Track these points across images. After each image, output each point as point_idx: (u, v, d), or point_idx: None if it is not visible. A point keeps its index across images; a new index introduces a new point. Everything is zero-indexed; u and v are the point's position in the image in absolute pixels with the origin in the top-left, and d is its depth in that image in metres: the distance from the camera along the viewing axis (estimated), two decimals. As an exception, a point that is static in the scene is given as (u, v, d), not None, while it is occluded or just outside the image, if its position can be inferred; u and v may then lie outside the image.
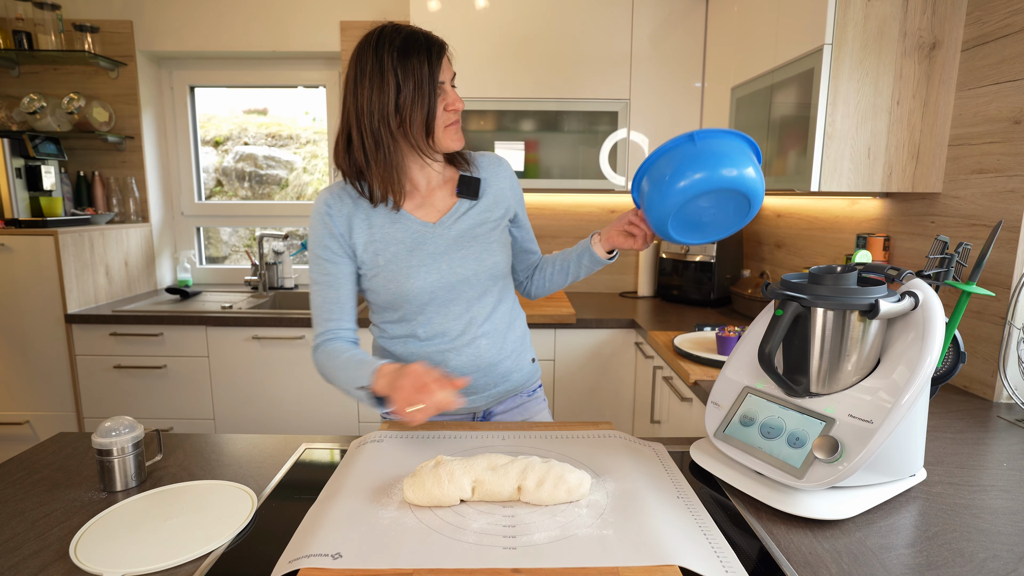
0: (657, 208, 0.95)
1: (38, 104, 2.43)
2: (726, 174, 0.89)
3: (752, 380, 0.91)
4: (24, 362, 2.21)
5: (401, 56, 0.95)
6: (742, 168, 0.90)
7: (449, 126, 1.02)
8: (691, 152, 0.91)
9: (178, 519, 0.77)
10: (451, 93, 1.01)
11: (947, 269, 0.87)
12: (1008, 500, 0.84)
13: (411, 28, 0.99)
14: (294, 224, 2.88)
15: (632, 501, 0.78)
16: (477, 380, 1.14)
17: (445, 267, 1.06)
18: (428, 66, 0.96)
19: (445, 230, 1.07)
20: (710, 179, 0.89)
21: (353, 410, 2.26)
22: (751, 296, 2.13)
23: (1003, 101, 1.27)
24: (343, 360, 1.01)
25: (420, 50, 0.96)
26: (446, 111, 1.00)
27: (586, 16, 2.27)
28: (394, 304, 1.09)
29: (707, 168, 0.89)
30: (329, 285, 1.07)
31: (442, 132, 1.02)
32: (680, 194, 0.91)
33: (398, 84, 0.95)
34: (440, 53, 0.98)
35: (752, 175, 0.90)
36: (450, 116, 1.01)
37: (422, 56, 0.96)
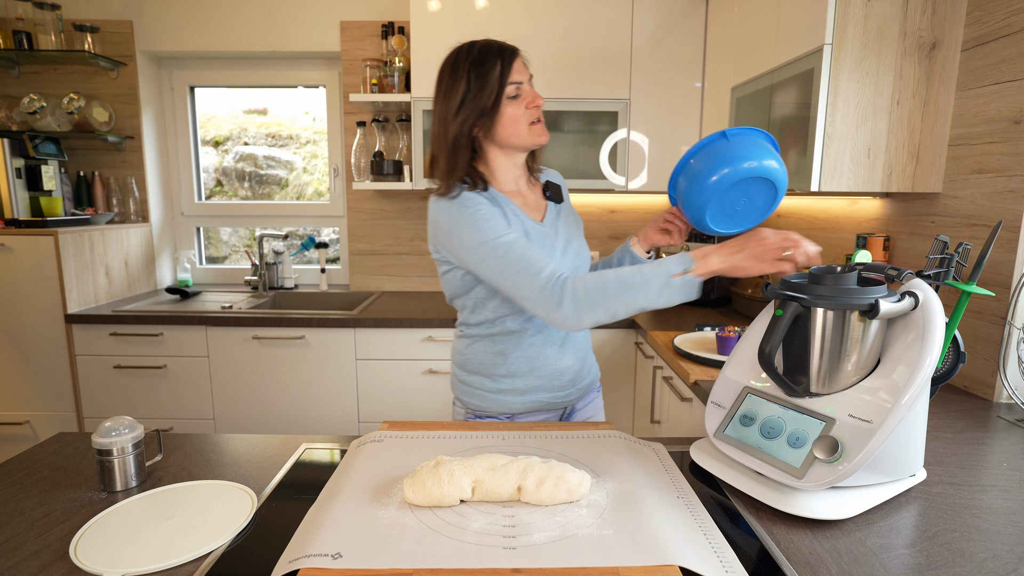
0: (696, 199, 1.00)
1: (38, 104, 2.43)
2: (758, 164, 0.97)
3: (752, 380, 0.91)
4: (24, 362, 2.21)
5: (476, 63, 1.04)
6: (771, 158, 0.98)
7: (533, 123, 1.07)
8: (725, 147, 0.99)
9: (178, 519, 0.77)
10: (529, 91, 1.06)
11: (947, 269, 0.87)
12: (1008, 500, 0.84)
13: (487, 40, 1.07)
14: (294, 224, 2.88)
15: (632, 501, 0.78)
16: (577, 372, 1.21)
17: (559, 259, 1.12)
18: (499, 70, 1.04)
19: (551, 229, 1.14)
20: (743, 169, 0.97)
21: (353, 410, 2.26)
22: (751, 296, 2.13)
23: (1003, 101, 1.27)
24: (622, 273, 0.92)
25: (493, 55, 1.04)
26: (527, 109, 1.06)
27: (586, 16, 2.27)
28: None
29: (740, 160, 0.97)
30: (519, 236, 1.01)
31: (527, 129, 1.07)
32: (717, 185, 0.98)
33: (467, 88, 1.03)
34: (512, 57, 1.05)
35: (777, 165, 0.99)
36: (532, 113, 1.06)
37: (494, 60, 1.04)
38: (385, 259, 2.77)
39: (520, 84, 1.05)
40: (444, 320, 2.16)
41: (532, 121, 1.07)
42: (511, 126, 1.06)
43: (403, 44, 2.42)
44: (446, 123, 1.05)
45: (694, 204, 1.01)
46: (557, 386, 1.19)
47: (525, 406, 1.18)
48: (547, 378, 1.17)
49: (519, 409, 1.19)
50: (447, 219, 1.05)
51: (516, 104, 1.05)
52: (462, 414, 1.24)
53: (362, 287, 2.80)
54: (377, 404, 2.25)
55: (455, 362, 1.24)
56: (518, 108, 1.05)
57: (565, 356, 1.18)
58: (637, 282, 0.91)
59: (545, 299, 0.95)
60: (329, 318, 2.17)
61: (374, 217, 2.73)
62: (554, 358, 1.17)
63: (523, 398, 1.17)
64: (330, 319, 2.17)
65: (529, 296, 0.97)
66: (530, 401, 1.18)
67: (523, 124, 1.06)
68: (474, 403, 1.20)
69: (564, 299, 0.94)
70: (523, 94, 1.06)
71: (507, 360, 1.16)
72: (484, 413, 1.20)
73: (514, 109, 1.05)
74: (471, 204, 1.04)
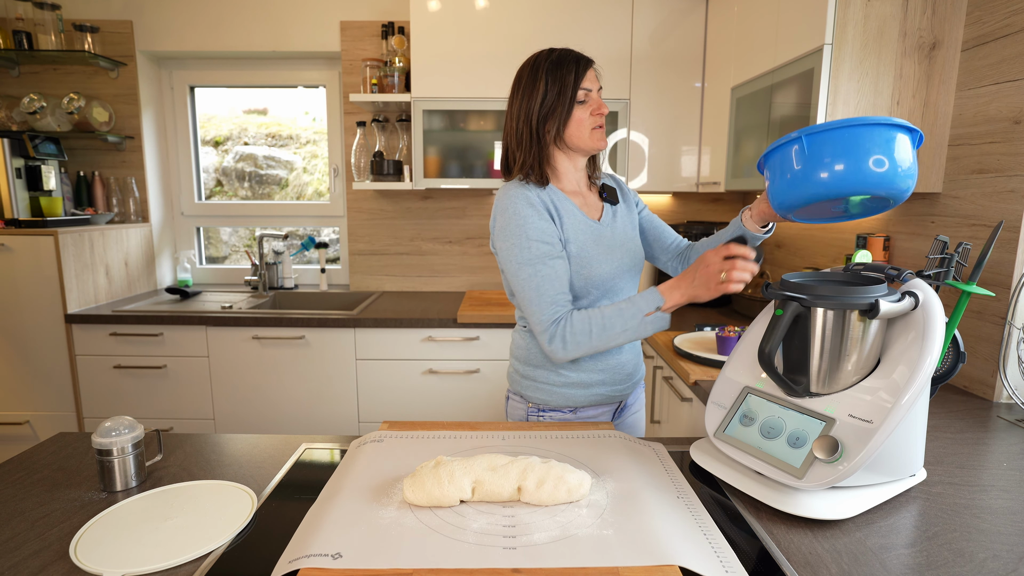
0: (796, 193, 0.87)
1: (38, 104, 2.43)
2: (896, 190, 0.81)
3: (752, 380, 0.91)
4: (24, 362, 2.21)
5: (552, 66, 1.12)
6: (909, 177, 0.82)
7: (595, 129, 1.14)
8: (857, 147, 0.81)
9: (178, 519, 0.77)
10: (596, 100, 1.13)
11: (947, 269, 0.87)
12: (1008, 500, 0.84)
13: (566, 48, 1.15)
14: (294, 224, 2.88)
15: (632, 501, 0.78)
16: (635, 366, 1.26)
17: (617, 257, 1.17)
18: (575, 75, 1.11)
19: (607, 228, 1.19)
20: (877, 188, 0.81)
21: (353, 410, 2.26)
22: (751, 296, 2.13)
23: (1003, 101, 1.27)
24: (605, 314, 1.06)
25: (570, 63, 1.12)
26: (592, 115, 1.13)
27: (586, 16, 2.27)
28: (581, 291, 1.15)
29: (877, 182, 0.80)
30: (553, 259, 1.09)
31: (588, 134, 1.14)
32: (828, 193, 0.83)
33: (546, 89, 1.11)
34: (586, 66, 1.13)
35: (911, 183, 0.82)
36: (595, 120, 1.14)
37: (571, 66, 1.12)
38: (385, 259, 2.77)
39: (589, 91, 1.13)
40: (444, 320, 2.16)
41: (595, 127, 1.14)
42: (576, 128, 1.13)
43: (403, 44, 2.42)
44: (522, 120, 1.14)
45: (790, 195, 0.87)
46: (618, 379, 1.23)
47: (588, 399, 1.21)
48: (610, 371, 1.21)
49: (582, 402, 1.21)
50: (503, 221, 1.12)
51: (583, 108, 1.13)
52: (522, 410, 1.25)
53: (362, 287, 2.80)
54: (377, 404, 2.25)
55: (516, 357, 1.26)
56: (584, 112, 1.13)
57: (625, 350, 1.24)
58: (616, 324, 1.05)
59: (542, 333, 1.09)
60: (329, 318, 2.17)
61: (374, 217, 2.73)
62: (616, 351, 1.22)
63: (587, 391, 1.21)
64: (330, 319, 2.17)
65: (533, 324, 1.11)
66: (593, 394, 1.21)
67: (586, 127, 1.13)
68: (538, 397, 1.22)
69: (555, 339, 1.08)
70: (590, 100, 1.13)
71: None
72: (548, 407, 1.22)
73: (581, 112, 1.13)
74: (518, 206, 1.10)
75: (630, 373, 1.25)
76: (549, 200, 1.14)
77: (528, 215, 1.09)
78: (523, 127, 1.14)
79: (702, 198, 2.74)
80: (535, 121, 1.13)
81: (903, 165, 0.80)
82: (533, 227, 1.09)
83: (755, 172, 1.81)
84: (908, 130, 0.81)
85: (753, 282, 2.20)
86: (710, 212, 2.75)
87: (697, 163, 2.39)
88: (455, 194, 2.70)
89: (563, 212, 1.15)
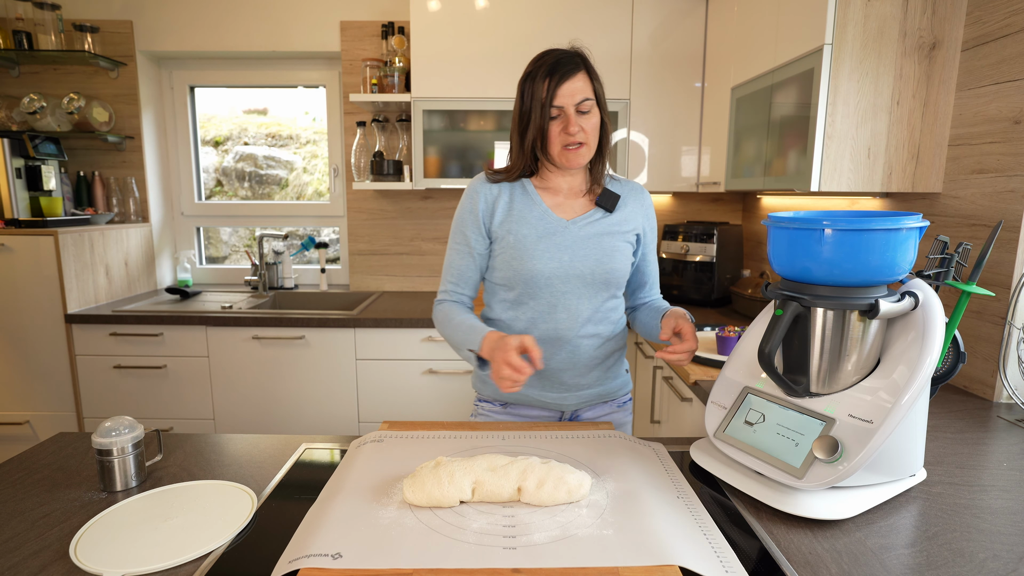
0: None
1: (38, 104, 2.43)
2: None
3: (752, 380, 0.91)
4: (24, 362, 2.21)
5: (528, 79, 1.09)
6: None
7: (566, 148, 1.10)
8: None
9: (178, 519, 0.77)
10: (568, 118, 1.08)
11: (947, 269, 0.87)
12: (1008, 500, 0.84)
13: (555, 50, 1.10)
14: (294, 224, 2.88)
15: (632, 501, 0.78)
16: (572, 378, 1.19)
17: (567, 258, 1.13)
18: (547, 91, 1.07)
19: (576, 228, 1.15)
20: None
21: (353, 410, 2.26)
22: (751, 296, 2.13)
23: (1003, 101, 1.27)
24: (458, 322, 1.12)
25: (542, 77, 1.07)
26: (563, 132, 1.08)
27: (586, 16, 2.27)
28: (513, 282, 1.15)
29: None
30: (459, 253, 1.19)
31: (559, 151, 1.11)
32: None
33: (523, 101, 1.10)
34: (563, 79, 1.06)
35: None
36: (564, 138, 1.09)
37: (542, 82, 1.07)
38: (385, 259, 2.77)
39: (562, 108, 1.07)
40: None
41: (565, 145, 1.10)
42: (550, 144, 1.11)
43: (403, 44, 2.42)
44: (514, 130, 1.15)
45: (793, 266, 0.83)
46: (552, 387, 1.18)
47: (514, 396, 1.21)
48: (541, 376, 1.17)
49: (508, 398, 1.22)
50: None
51: (555, 124, 1.09)
52: (475, 407, 1.28)
53: (362, 287, 2.80)
54: (377, 404, 2.25)
55: None
56: (556, 129, 1.09)
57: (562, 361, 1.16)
58: (453, 337, 1.13)
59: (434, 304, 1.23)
60: (329, 318, 2.17)
61: (374, 217, 2.73)
62: (550, 359, 1.16)
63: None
64: (330, 319, 2.17)
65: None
66: (519, 393, 1.20)
67: (557, 145, 1.10)
68: (477, 385, 1.26)
69: (435, 313, 1.20)
70: (562, 117, 1.08)
71: None
72: (482, 396, 1.25)
73: (554, 129, 1.10)
74: (465, 194, 1.20)
75: (572, 385, 1.18)
76: (500, 192, 1.16)
77: (463, 205, 1.19)
78: (513, 133, 1.15)
79: (702, 198, 2.74)
80: (521, 135, 1.13)
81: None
82: (460, 217, 1.19)
83: (755, 172, 1.81)
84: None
85: (753, 282, 2.20)
86: (710, 212, 2.75)
87: (697, 163, 2.39)
88: (455, 194, 2.70)
89: (515, 203, 1.16)
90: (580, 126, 1.08)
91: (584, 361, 1.18)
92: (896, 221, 0.75)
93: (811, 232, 0.78)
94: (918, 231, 0.78)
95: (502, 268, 1.16)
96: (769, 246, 0.86)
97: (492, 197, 1.17)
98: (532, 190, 1.17)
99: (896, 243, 0.76)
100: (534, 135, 1.10)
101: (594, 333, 1.17)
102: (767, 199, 2.43)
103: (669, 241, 2.52)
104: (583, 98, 1.08)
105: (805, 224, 0.79)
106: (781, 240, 0.83)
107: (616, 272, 1.16)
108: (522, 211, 1.15)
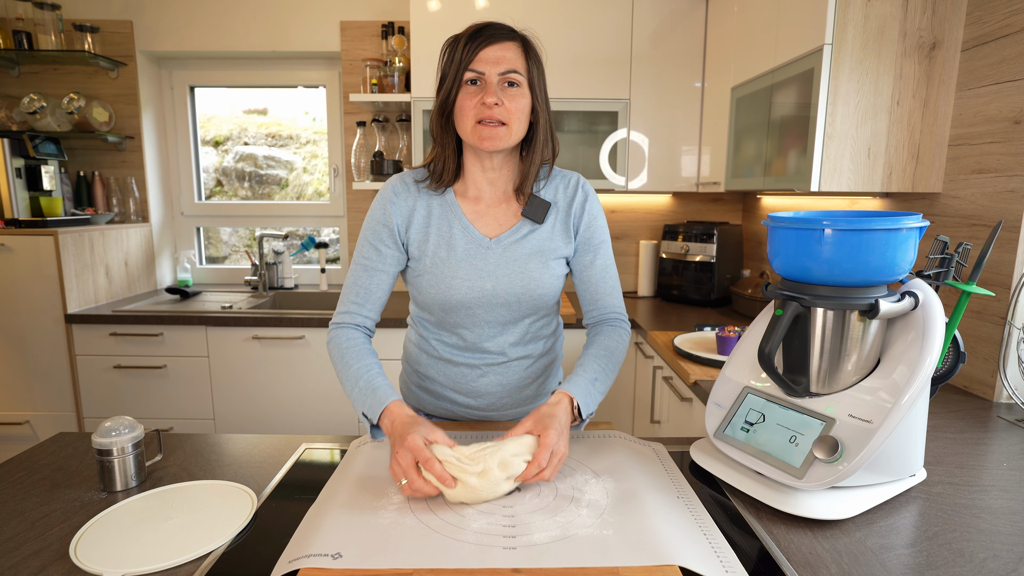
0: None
1: (38, 104, 2.43)
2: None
3: (752, 380, 0.91)
4: (24, 362, 2.21)
5: (450, 43, 0.97)
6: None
7: (477, 123, 0.93)
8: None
9: (178, 519, 0.77)
10: (487, 86, 0.93)
11: (947, 269, 0.87)
12: (1008, 500, 0.84)
13: (488, 22, 0.97)
14: (294, 224, 2.88)
15: (632, 501, 0.78)
16: (503, 399, 1.12)
17: (489, 285, 1.01)
18: (463, 54, 0.93)
19: (500, 248, 1.02)
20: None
21: (353, 410, 2.26)
22: (751, 296, 2.13)
23: (1003, 101, 1.27)
24: (356, 370, 0.95)
25: (468, 37, 0.94)
26: (481, 104, 0.92)
27: (586, 16, 2.27)
28: (432, 308, 1.05)
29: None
30: (367, 269, 1.03)
31: (470, 128, 0.94)
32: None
33: (443, 69, 0.97)
34: (488, 41, 0.93)
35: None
36: (479, 111, 0.93)
37: (465, 42, 0.94)
38: (385, 259, 2.77)
39: (482, 74, 0.93)
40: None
41: (479, 119, 0.93)
42: (459, 117, 0.95)
43: (403, 44, 2.42)
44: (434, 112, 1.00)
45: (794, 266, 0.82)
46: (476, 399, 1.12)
47: (438, 409, 1.15)
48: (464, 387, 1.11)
49: (432, 410, 1.16)
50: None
51: (468, 94, 0.93)
52: None
53: (362, 287, 2.79)
54: (377, 404, 2.25)
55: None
56: (468, 99, 0.93)
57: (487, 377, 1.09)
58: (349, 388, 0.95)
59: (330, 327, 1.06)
60: (329, 318, 2.17)
61: (374, 217, 2.73)
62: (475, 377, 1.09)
63: (436, 400, 1.15)
64: (330, 319, 2.17)
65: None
66: (442, 407, 1.14)
67: (469, 118, 0.94)
68: (402, 391, 1.21)
69: (329, 340, 1.04)
70: (480, 84, 0.93)
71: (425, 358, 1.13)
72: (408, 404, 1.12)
73: (464, 99, 0.94)
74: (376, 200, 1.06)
75: (499, 396, 1.11)
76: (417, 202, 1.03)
77: (374, 214, 1.04)
78: (434, 114, 0.99)
79: (702, 198, 2.74)
80: (435, 107, 0.98)
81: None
82: (372, 228, 1.04)
83: (755, 172, 1.81)
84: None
85: (753, 282, 2.20)
86: (710, 212, 2.75)
87: (697, 163, 2.39)
88: (455, 194, 2.70)
89: (433, 216, 1.02)
90: (501, 100, 0.92)
91: (517, 383, 1.11)
92: (896, 221, 0.75)
93: (811, 232, 0.78)
94: (918, 231, 0.78)
95: (424, 290, 1.03)
96: (769, 246, 0.86)
97: (408, 208, 1.03)
98: (452, 199, 1.03)
99: (896, 243, 0.76)
100: (446, 107, 0.96)
101: (524, 355, 1.10)
102: (767, 199, 2.43)
103: (669, 241, 2.52)
104: (509, 68, 0.93)
105: (805, 224, 0.79)
106: (781, 240, 0.83)
107: (545, 297, 1.04)
108: (440, 226, 1.02)
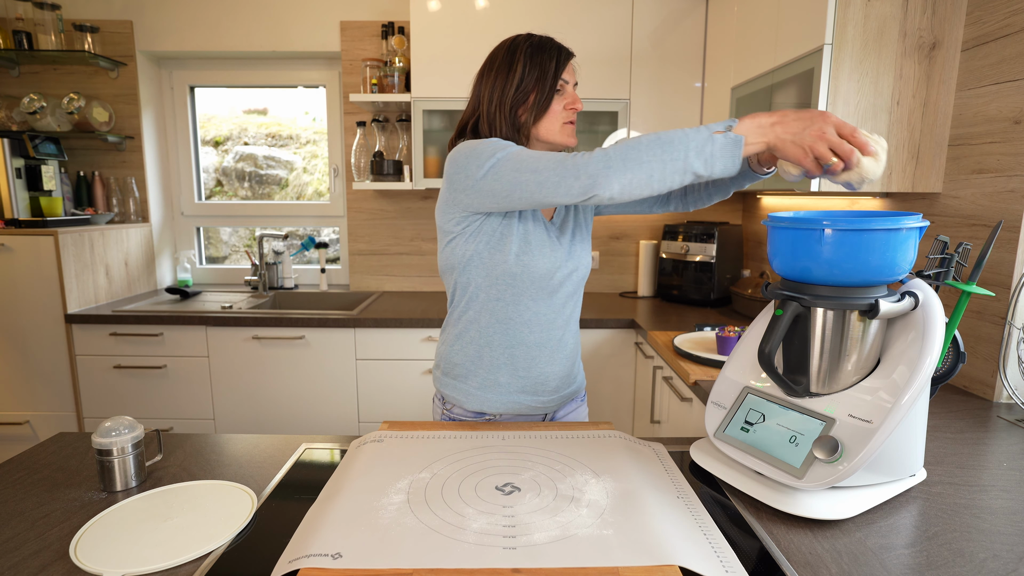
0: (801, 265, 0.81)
1: (38, 104, 2.43)
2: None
3: (752, 380, 0.91)
4: (24, 362, 2.21)
5: (534, 51, 1.08)
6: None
7: (566, 124, 1.10)
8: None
9: (178, 519, 0.77)
10: (572, 94, 1.10)
11: (947, 269, 0.87)
12: (1008, 500, 0.84)
13: (546, 36, 1.11)
14: (294, 224, 2.88)
15: (632, 501, 0.78)
16: (560, 380, 1.18)
17: (560, 257, 1.12)
18: (556, 63, 1.07)
19: (556, 228, 1.14)
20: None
21: (353, 410, 2.26)
22: (751, 296, 2.13)
23: (1003, 101, 1.27)
24: (660, 133, 0.85)
25: (551, 50, 1.08)
26: (565, 109, 1.09)
27: (586, 16, 2.27)
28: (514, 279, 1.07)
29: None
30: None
31: (559, 128, 1.10)
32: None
33: (524, 73, 1.06)
34: (567, 57, 1.09)
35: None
36: (568, 114, 1.10)
37: (552, 54, 1.08)
38: (385, 259, 2.77)
39: (567, 83, 1.09)
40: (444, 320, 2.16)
41: (567, 121, 1.10)
42: (549, 120, 1.09)
43: (403, 44, 2.42)
44: (494, 103, 1.07)
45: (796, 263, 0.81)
46: (539, 391, 1.16)
47: (504, 406, 1.15)
48: (531, 380, 1.15)
49: (498, 409, 1.16)
50: (467, 149, 1.00)
51: (558, 99, 1.09)
52: (440, 412, 1.21)
53: (362, 287, 2.80)
54: (377, 404, 2.25)
55: (439, 354, 1.22)
56: (559, 104, 1.09)
57: (554, 362, 1.16)
58: (676, 137, 0.83)
59: (569, 168, 0.88)
60: (329, 318, 2.17)
61: (374, 217, 2.73)
62: (542, 362, 1.15)
63: (503, 398, 1.15)
64: (330, 319, 2.17)
65: (550, 178, 0.90)
66: (510, 402, 1.15)
67: (559, 121, 1.10)
68: (455, 397, 1.17)
69: (592, 159, 0.87)
70: (566, 93, 1.10)
71: (492, 355, 1.14)
72: (464, 408, 1.17)
73: (557, 104, 1.09)
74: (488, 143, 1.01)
75: (556, 387, 1.17)
76: None
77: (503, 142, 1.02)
78: (495, 111, 1.07)
79: (702, 198, 2.74)
80: (508, 107, 1.07)
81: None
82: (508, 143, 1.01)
83: (755, 172, 1.81)
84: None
85: (753, 282, 2.20)
86: (710, 212, 2.75)
87: (697, 163, 2.38)
88: (455, 194, 2.70)
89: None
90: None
91: (571, 358, 1.20)
92: (896, 221, 0.75)
93: (811, 232, 0.78)
94: (918, 231, 0.78)
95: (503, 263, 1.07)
96: (769, 246, 0.86)
97: None
98: None
99: (896, 243, 0.76)
100: (533, 112, 1.07)
101: (575, 330, 1.21)
102: (767, 199, 2.43)
103: (669, 241, 2.52)
104: (576, 81, 1.13)
105: (805, 224, 0.79)
106: (781, 240, 0.83)
107: (588, 266, 1.19)
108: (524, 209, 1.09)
